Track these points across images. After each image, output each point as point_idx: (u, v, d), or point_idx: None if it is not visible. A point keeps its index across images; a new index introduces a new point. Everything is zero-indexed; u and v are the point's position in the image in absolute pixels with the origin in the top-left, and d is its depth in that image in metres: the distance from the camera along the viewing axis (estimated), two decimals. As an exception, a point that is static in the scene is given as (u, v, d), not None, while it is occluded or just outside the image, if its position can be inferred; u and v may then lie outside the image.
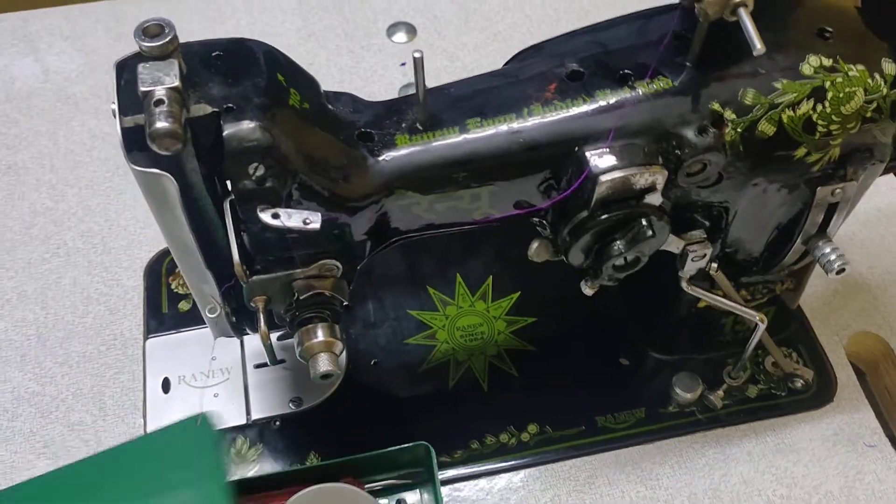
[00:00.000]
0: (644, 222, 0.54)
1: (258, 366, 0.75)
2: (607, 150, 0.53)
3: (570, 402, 0.74)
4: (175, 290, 0.80)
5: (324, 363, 0.55)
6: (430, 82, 1.00)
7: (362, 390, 0.75)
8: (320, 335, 0.56)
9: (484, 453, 0.72)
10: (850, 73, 0.53)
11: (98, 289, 0.81)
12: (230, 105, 0.47)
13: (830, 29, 0.55)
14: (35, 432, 0.72)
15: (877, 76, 0.54)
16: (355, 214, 0.53)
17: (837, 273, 0.60)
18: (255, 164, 0.46)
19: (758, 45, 0.48)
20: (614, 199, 0.54)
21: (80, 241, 0.84)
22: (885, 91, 0.54)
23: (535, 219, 0.58)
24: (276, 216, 0.47)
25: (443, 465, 0.70)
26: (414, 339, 0.78)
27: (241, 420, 0.72)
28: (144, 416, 0.73)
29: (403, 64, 1.03)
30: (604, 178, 0.52)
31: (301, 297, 0.55)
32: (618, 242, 0.55)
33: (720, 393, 0.73)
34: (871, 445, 0.72)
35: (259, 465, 0.71)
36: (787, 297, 0.74)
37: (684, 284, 0.64)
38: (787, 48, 0.54)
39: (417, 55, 0.49)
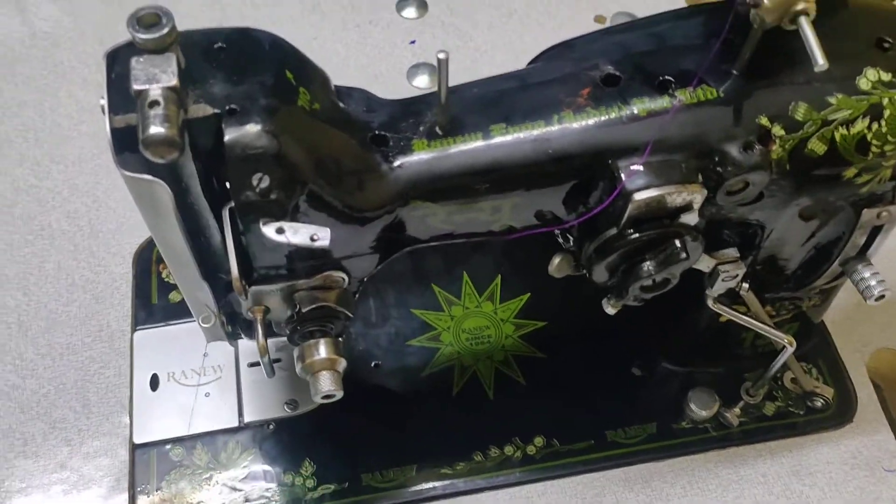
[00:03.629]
0: (678, 243, 0.50)
1: (252, 364, 0.71)
2: (643, 165, 0.49)
3: (579, 414, 0.71)
4: (166, 280, 0.76)
5: (326, 383, 0.51)
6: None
7: (362, 394, 0.71)
8: (323, 352, 0.52)
9: (487, 466, 0.68)
10: (910, 90, 0.49)
11: (84, 275, 0.76)
12: (233, 106, 0.42)
13: (891, 39, 0.50)
14: (14, 429, 0.68)
15: (939, 94, 0.49)
16: (366, 225, 0.48)
17: (877, 300, 0.56)
18: (259, 175, 0.42)
19: (820, 60, 0.43)
20: (647, 218, 0.50)
21: (66, 222, 0.80)
22: (946, 111, 0.50)
23: (557, 230, 0.54)
24: (280, 231, 0.43)
25: (444, 477, 0.67)
26: (417, 341, 0.74)
27: (234, 422, 0.69)
28: (131, 415, 0.69)
29: (413, 42, 0.98)
30: (638, 196, 0.48)
31: (304, 310, 0.51)
32: (648, 263, 0.51)
33: (737, 410, 0.70)
34: (890, 470, 0.69)
35: (249, 471, 0.67)
36: (811, 312, 0.70)
37: (710, 302, 0.60)
38: (844, 59, 0.49)
39: (442, 56, 0.44)
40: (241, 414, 0.69)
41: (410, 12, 1.01)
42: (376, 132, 0.49)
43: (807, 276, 0.60)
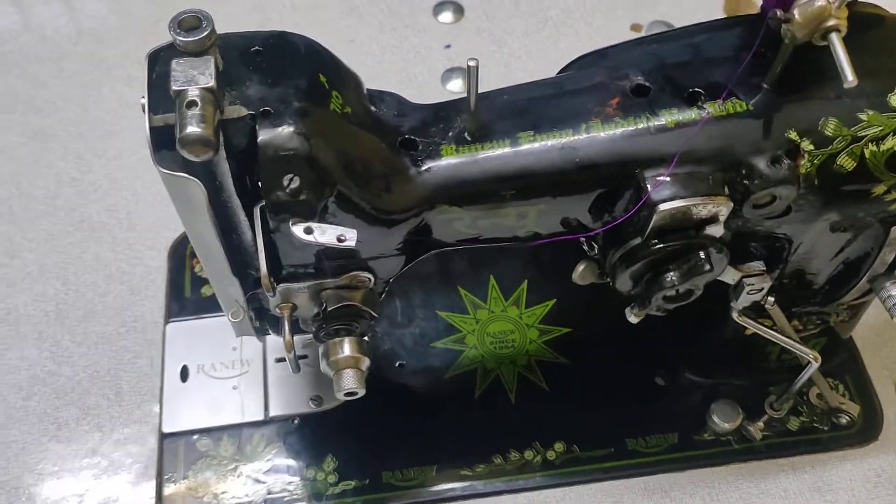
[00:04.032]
0: (702, 255, 0.50)
1: (279, 360, 0.73)
2: (669, 176, 0.49)
3: (600, 422, 0.71)
4: (199, 274, 0.78)
5: (349, 380, 0.53)
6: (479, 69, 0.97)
7: (385, 393, 0.72)
8: (347, 350, 0.53)
9: (507, 469, 0.69)
10: (944, 108, 0.49)
11: (121, 267, 0.78)
12: (267, 108, 0.43)
13: (925, 55, 0.50)
14: (49, 414, 0.70)
15: (972, 113, 0.49)
16: (393, 227, 0.49)
17: (904, 319, 0.56)
18: (290, 176, 0.43)
19: (850, 77, 0.43)
20: (672, 229, 0.50)
21: (106, 214, 0.82)
22: (979, 130, 0.49)
23: (582, 238, 0.54)
24: (309, 231, 0.44)
25: (463, 478, 0.68)
26: (442, 343, 0.75)
27: (259, 416, 0.70)
28: (161, 405, 0.70)
29: (448, 46, 0.99)
30: (663, 206, 0.48)
31: (330, 308, 0.52)
32: (671, 273, 0.52)
33: (760, 424, 0.70)
34: (915, 490, 0.69)
35: (273, 464, 0.68)
36: (840, 328, 0.70)
37: (735, 315, 0.60)
38: (876, 75, 0.49)
39: (473, 63, 0.45)
40: (266, 408, 0.70)
41: (447, 17, 1.01)
42: (406, 136, 0.50)
43: (834, 291, 0.60)
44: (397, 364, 0.74)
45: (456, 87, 0.95)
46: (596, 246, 0.55)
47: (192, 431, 0.69)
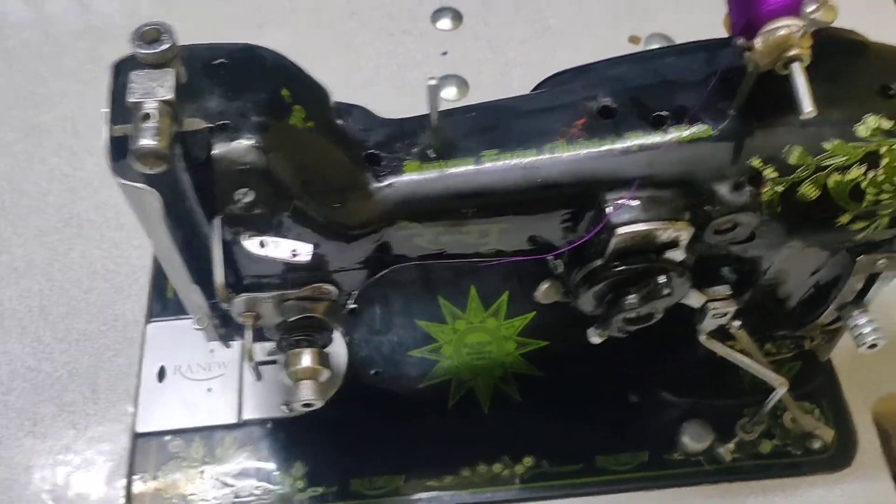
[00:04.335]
0: (662, 279, 0.50)
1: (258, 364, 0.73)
2: (630, 199, 0.49)
3: (572, 437, 0.71)
4: (182, 275, 0.78)
5: (307, 392, 0.53)
6: (472, 75, 0.97)
7: (359, 400, 0.72)
8: (307, 362, 0.53)
9: (474, 482, 0.69)
10: (911, 140, 0.48)
11: (105, 265, 0.79)
12: (226, 122, 0.44)
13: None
14: (26, 409, 0.71)
15: (941, 145, 0.48)
16: (353, 242, 0.50)
17: (869, 348, 0.55)
18: (243, 190, 0.43)
19: (807, 109, 0.43)
20: (632, 252, 0.50)
21: (94, 212, 0.83)
22: (948, 162, 0.49)
23: (549, 256, 0.54)
24: (262, 245, 0.44)
25: (430, 489, 0.68)
26: (418, 352, 0.75)
27: (233, 419, 0.71)
28: (136, 404, 0.71)
29: (445, 53, 0.99)
30: (622, 230, 0.48)
31: (291, 319, 0.53)
32: (632, 296, 0.51)
33: (731, 446, 0.69)
34: (886, 519, 0.68)
35: (243, 467, 0.69)
36: (818, 351, 0.69)
37: (702, 338, 0.60)
38: (844, 104, 0.49)
39: (433, 83, 0.45)
40: (240, 411, 0.71)
41: (445, 23, 1.02)
42: (371, 151, 0.50)
43: (805, 316, 0.60)
44: (373, 372, 0.74)
45: (450, 94, 0.95)
46: (561, 265, 0.55)
47: (165, 432, 0.70)
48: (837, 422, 0.72)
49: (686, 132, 0.49)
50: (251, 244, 0.44)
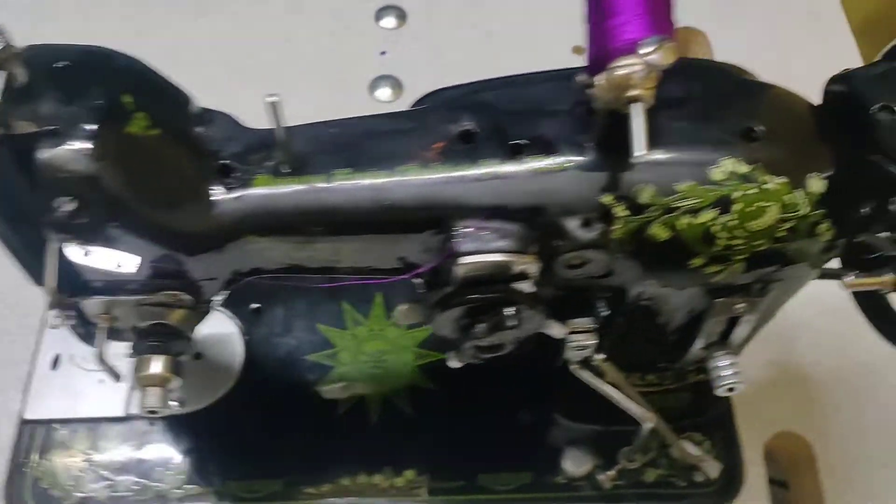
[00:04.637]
0: (508, 311, 0.49)
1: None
2: (477, 229, 0.48)
3: (458, 453, 0.71)
4: (87, 263, 0.78)
5: (152, 399, 0.53)
6: (410, 78, 0.96)
7: (250, 401, 0.72)
8: (156, 369, 0.53)
9: (352, 491, 0.69)
10: (767, 186, 0.47)
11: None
12: (55, 127, 0.43)
13: (762, 128, 0.48)
14: (-85, 392, 0.71)
15: (799, 193, 0.47)
16: (199, 255, 0.49)
17: (728, 391, 0.55)
18: (63, 199, 0.43)
19: (638, 150, 0.42)
20: (482, 281, 0.49)
21: (9, 194, 0.82)
22: (804, 211, 0.47)
23: (406, 278, 0.54)
24: (87, 254, 0.44)
25: (307, 497, 0.68)
26: (315, 356, 0.75)
27: (119, 412, 0.71)
28: (27, 391, 0.71)
29: (384, 53, 0.98)
30: (465, 259, 0.48)
31: (142, 325, 0.52)
32: (480, 325, 0.51)
33: (612, 473, 0.69)
34: (762, 557, 0.68)
35: (123, 461, 0.69)
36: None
37: (572, 368, 0.59)
38: (703, 146, 0.48)
39: (274, 99, 0.45)
40: (127, 405, 0.71)
41: (389, 22, 1.01)
42: (224, 161, 0.49)
43: (677, 351, 0.59)
44: (267, 373, 0.74)
45: (384, 95, 0.94)
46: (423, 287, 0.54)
47: (52, 421, 0.70)
48: (727, 455, 0.71)
49: (540, 163, 0.48)
50: (75, 253, 0.44)
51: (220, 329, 0.75)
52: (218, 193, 0.48)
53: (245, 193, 0.49)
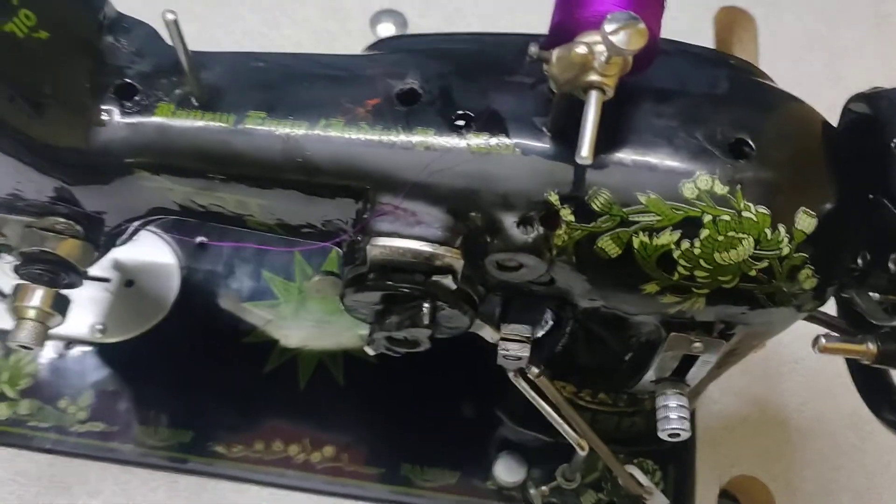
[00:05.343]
0: (425, 307, 0.42)
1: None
2: (398, 208, 0.41)
3: (383, 436, 0.65)
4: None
5: (26, 334, 0.47)
6: (413, 15, 0.86)
7: (175, 342, 0.67)
8: (37, 300, 0.47)
9: (264, 459, 0.63)
10: (745, 214, 0.39)
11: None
12: None
13: (756, 143, 0.40)
14: None
15: (780, 229, 0.39)
16: (79, 184, 0.43)
17: (668, 436, 0.47)
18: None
19: (583, 151, 0.34)
20: (398, 268, 0.42)
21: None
22: (785, 251, 0.39)
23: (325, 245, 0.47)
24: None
25: (213, 455, 0.63)
26: (253, 304, 0.69)
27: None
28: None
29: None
30: (380, 241, 0.41)
31: (27, 250, 0.47)
32: (393, 317, 0.44)
33: (545, 489, 0.62)
34: None
35: (31, 384, 0.64)
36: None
37: (510, 375, 0.52)
38: (677, 152, 0.39)
39: (171, 17, 0.37)
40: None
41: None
42: (126, 80, 0.43)
43: (622, 381, 0.52)
44: (199, 315, 0.68)
45: (387, 32, 0.86)
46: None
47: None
48: (678, 491, 0.64)
49: (483, 141, 0.40)
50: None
51: (157, 258, 0.69)
52: (111, 116, 0.42)
53: (142, 121, 0.42)
